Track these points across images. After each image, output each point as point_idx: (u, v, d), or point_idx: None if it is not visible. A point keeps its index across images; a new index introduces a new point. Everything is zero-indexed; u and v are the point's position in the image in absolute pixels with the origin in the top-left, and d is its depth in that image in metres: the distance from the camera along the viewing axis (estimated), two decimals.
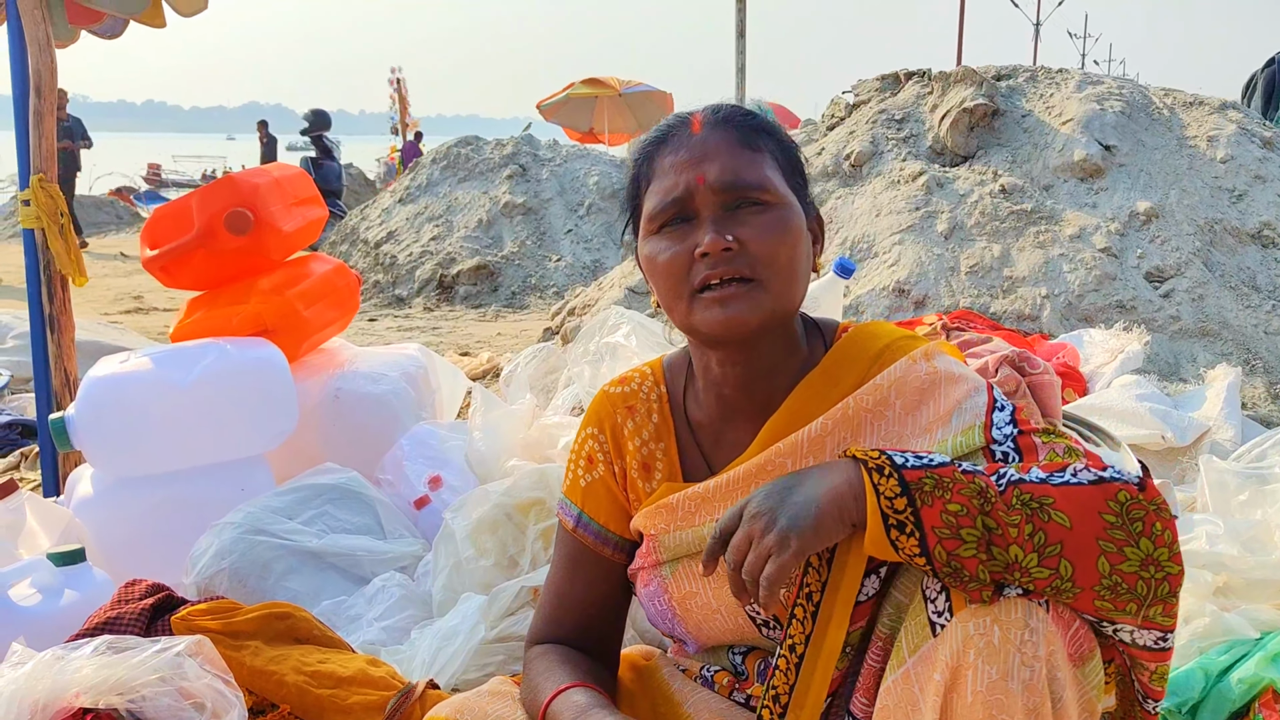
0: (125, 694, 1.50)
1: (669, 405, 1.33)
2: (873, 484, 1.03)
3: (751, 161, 1.20)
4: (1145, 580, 1.01)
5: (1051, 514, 1.01)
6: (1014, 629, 0.99)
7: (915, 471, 1.03)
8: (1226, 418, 2.96)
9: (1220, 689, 1.72)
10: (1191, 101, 4.54)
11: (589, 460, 1.35)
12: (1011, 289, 3.78)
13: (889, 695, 1.04)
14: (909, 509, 1.01)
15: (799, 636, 1.08)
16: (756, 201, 1.18)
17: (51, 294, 3.05)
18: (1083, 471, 1.04)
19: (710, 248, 1.15)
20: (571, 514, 1.35)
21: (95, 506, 2.39)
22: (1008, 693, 0.98)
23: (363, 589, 2.22)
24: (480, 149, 9.95)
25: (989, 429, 1.17)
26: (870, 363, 1.24)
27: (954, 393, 1.19)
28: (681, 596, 1.25)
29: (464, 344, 6.66)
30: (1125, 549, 1.00)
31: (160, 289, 9.22)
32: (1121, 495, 1.02)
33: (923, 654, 1.02)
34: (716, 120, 1.23)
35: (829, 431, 1.19)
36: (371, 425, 2.86)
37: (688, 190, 1.19)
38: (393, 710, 1.60)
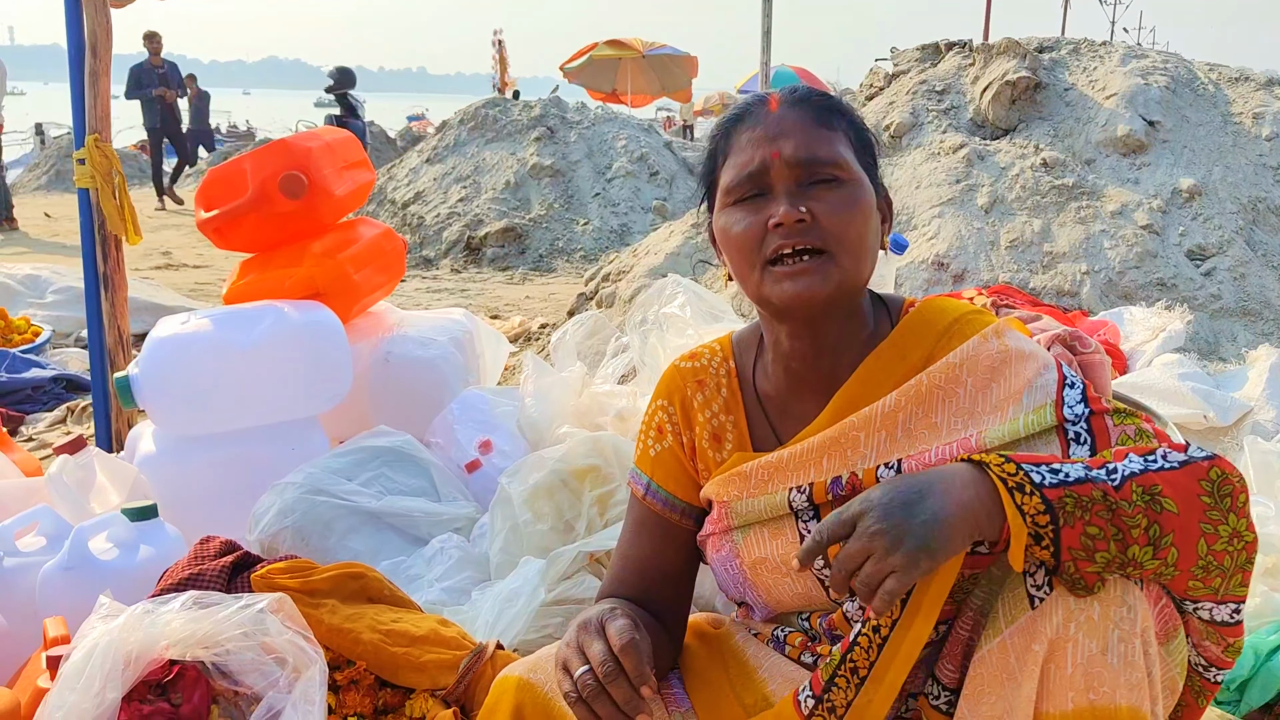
0: (211, 647, 1.56)
1: (738, 379, 1.37)
2: (1016, 505, 1.03)
3: (826, 139, 1.23)
4: (1231, 554, 1.05)
5: (1163, 503, 1.03)
6: (1113, 605, 1.03)
7: (1055, 490, 1.03)
8: (1269, 399, 2.97)
9: (1270, 667, 1.75)
10: (1237, 77, 4.49)
11: (659, 431, 1.39)
12: (1051, 264, 3.78)
13: (983, 664, 1.07)
14: (1051, 526, 1.02)
15: (885, 621, 1.11)
16: (830, 178, 1.22)
17: (106, 253, 3.09)
18: (1171, 454, 1.08)
19: (785, 218, 1.19)
20: (641, 482, 1.39)
21: (159, 463, 2.45)
22: (1107, 666, 1.02)
23: (421, 550, 2.27)
24: (508, 110, 9.91)
25: (1060, 407, 1.19)
26: (938, 337, 1.27)
27: (1025, 371, 1.21)
28: (753, 562, 1.29)
29: (493, 307, 6.70)
30: (1219, 528, 1.04)
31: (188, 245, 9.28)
32: (1213, 473, 1.06)
33: (1020, 625, 1.05)
34: (793, 100, 1.26)
35: (901, 407, 1.22)
36: (420, 389, 2.90)
37: (763, 165, 1.22)
38: (465, 669, 1.65)
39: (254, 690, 1.56)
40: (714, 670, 1.34)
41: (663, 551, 1.37)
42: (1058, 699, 1.03)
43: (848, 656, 1.13)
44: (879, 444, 1.22)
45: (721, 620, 1.44)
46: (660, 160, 9.57)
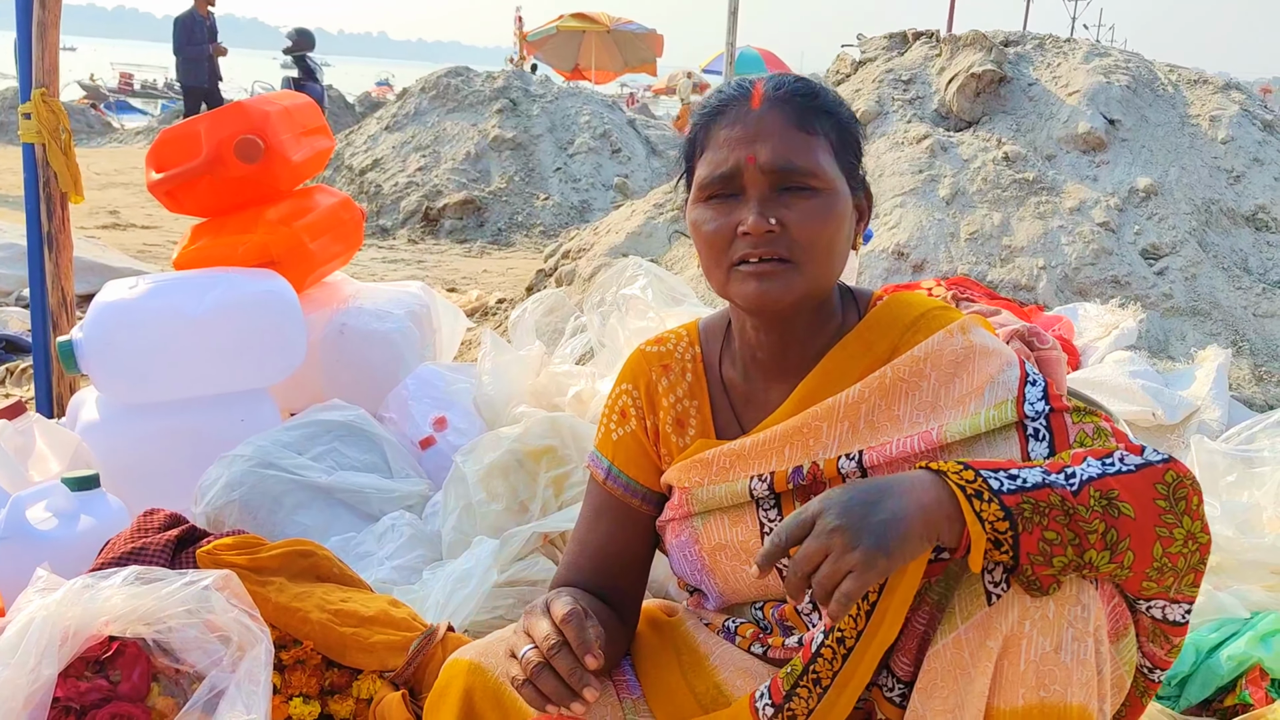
0: (153, 625, 1.52)
1: (703, 365, 1.36)
2: (975, 512, 1.03)
3: (804, 145, 1.20)
4: (1185, 555, 1.06)
5: (1119, 507, 1.04)
6: (1068, 604, 1.04)
7: (1013, 497, 1.03)
8: (1214, 398, 3.03)
9: (1210, 664, 1.79)
10: (1196, 80, 4.56)
11: (622, 415, 1.38)
12: (1010, 258, 3.81)
13: (938, 659, 1.08)
14: (1010, 532, 1.03)
15: (850, 631, 1.10)
16: (803, 186, 1.20)
17: (50, 212, 2.99)
18: (1128, 458, 1.08)
19: (753, 229, 1.17)
20: (602, 466, 1.37)
21: (102, 431, 2.38)
22: (1059, 664, 1.03)
23: (372, 526, 2.24)
24: (470, 80, 9.78)
25: (1021, 403, 1.19)
26: (904, 330, 1.27)
27: (987, 367, 1.22)
28: (712, 549, 1.28)
29: (450, 279, 6.62)
30: (1175, 530, 1.05)
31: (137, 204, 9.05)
32: (1168, 476, 1.06)
33: (976, 621, 1.05)
34: (776, 97, 1.22)
35: (864, 399, 1.22)
36: (376, 362, 2.86)
37: (736, 167, 1.20)
38: (415, 651, 1.63)
39: (196, 669, 1.53)
40: (666, 657, 1.33)
41: (621, 537, 1.36)
42: (1009, 695, 1.04)
43: (810, 667, 1.13)
44: (841, 434, 1.22)
45: (675, 608, 1.44)
46: (623, 137, 9.51)
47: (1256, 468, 2.35)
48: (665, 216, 4.70)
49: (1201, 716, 1.74)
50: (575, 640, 1.08)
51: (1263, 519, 2.14)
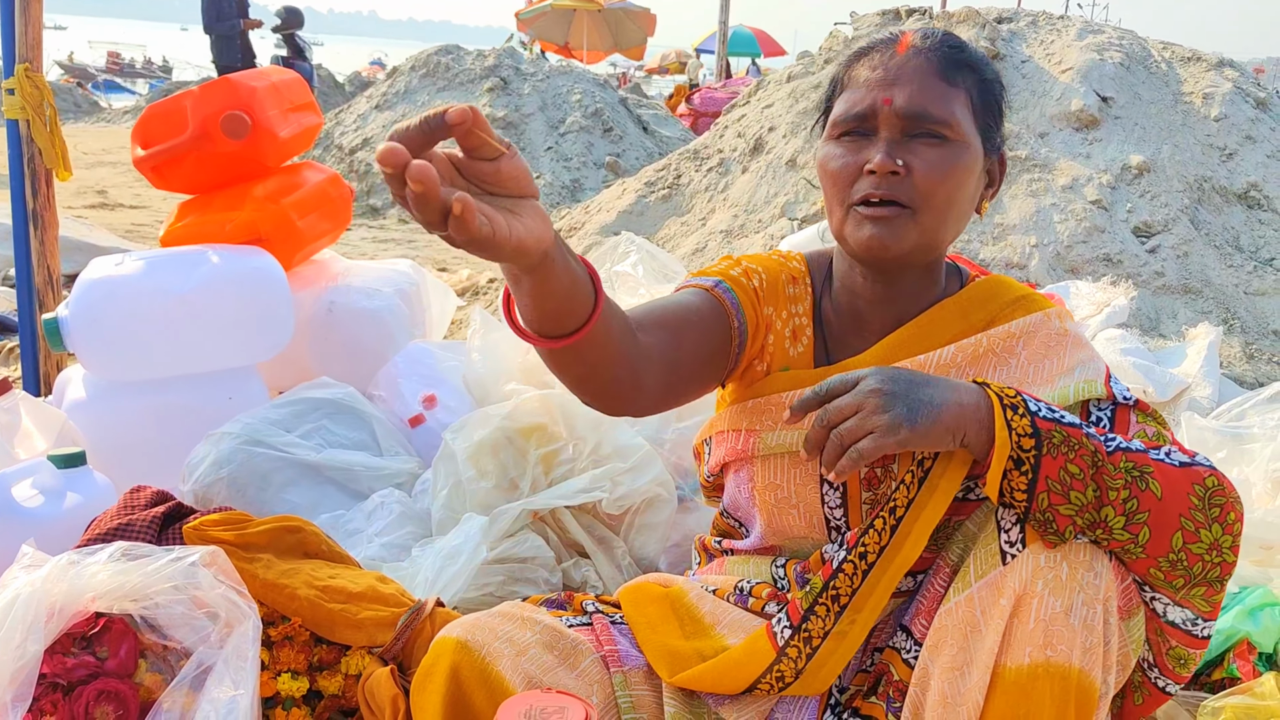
0: (139, 601, 1.51)
1: (813, 294, 1.37)
2: (1005, 420, 1.06)
3: (942, 95, 1.22)
4: (1205, 563, 1.07)
5: (1149, 482, 1.06)
6: (1080, 568, 1.05)
7: (1047, 422, 1.07)
8: (1205, 375, 3.03)
9: None
10: (1189, 57, 4.54)
11: (747, 274, 1.32)
12: (1002, 236, 3.80)
13: (950, 616, 1.09)
14: (1034, 451, 1.05)
15: (873, 546, 1.12)
16: (935, 134, 1.21)
17: (35, 189, 2.97)
18: (1175, 454, 1.10)
19: (879, 166, 1.19)
20: (710, 279, 1.30)
21: (89, 409, 2.36)
22: (1068, 626, 1.03)
23: (361, 504, 2.23)
24: (461, 59, 9.71)
25: (1109, 383, 1.24)
26: (1003, 306, 1.30)
27: (1078, 353, 1.26)
28: (764, 486, 1.30)
29: (440, 259, 6.59)
30: (1200, 530, 1.06)
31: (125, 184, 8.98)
32: (1209, 481, 1.08)
33: (990, 580, 1.07)
34: (923, 45, 1.25)
35: (955, 362, 1.25)
36: (365, 340, 2.84)
37: (872, 108, 1.22)
38: (404, 627, 1.62)
39: (184, 645, 1.52)
40: (666, 625, 1.32)
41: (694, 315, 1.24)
42: (1016, 653, 1.04)
43: (830, 583, 1.15)
44: None
45: (672, 580, 1.43)
46: (615, 116, 9.46)
47: (1246, 444, 2.36)
48: (657, 195, 4.67)
49: (1190, 690, 1.74)
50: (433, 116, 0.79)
51: (1251, 495, 2.14)
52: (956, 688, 1.07)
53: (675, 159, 5.02)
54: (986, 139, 1.27)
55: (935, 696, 1.08)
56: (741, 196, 4.39)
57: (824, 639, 1.14)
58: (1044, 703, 1.03)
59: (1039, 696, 1.03)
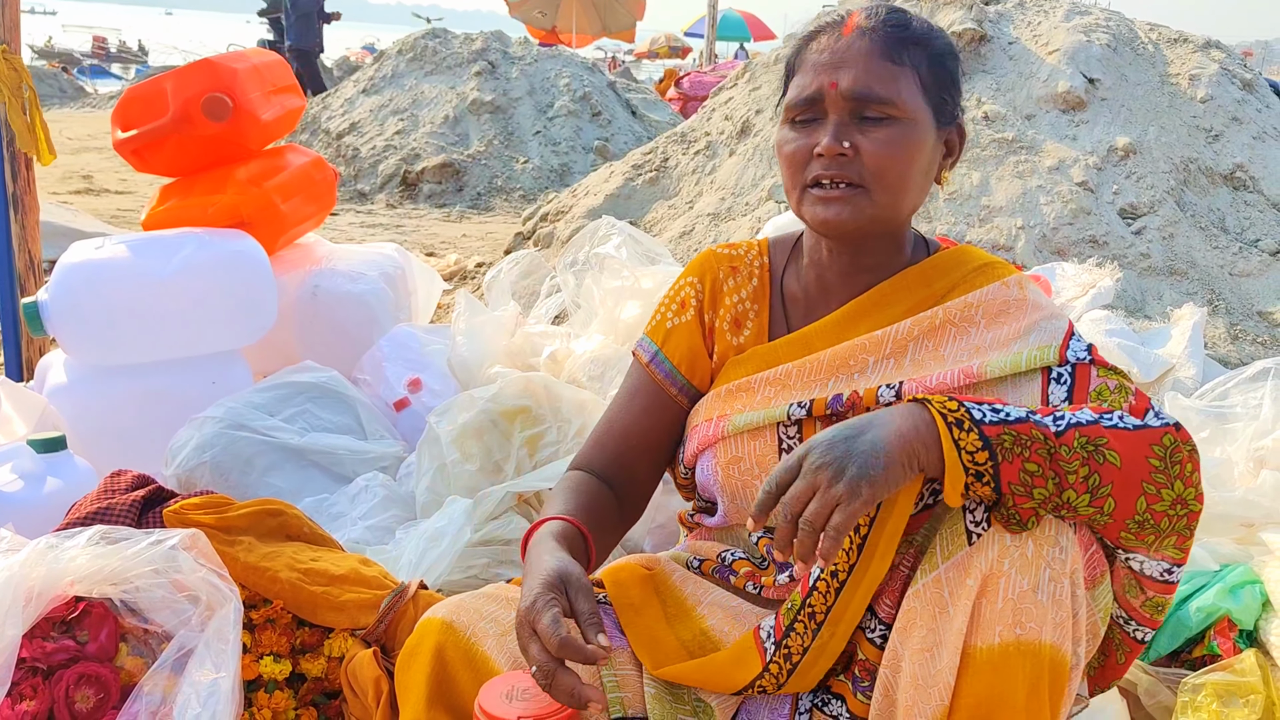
0: (119, 584, 1.51)
1: (769, 275, 1.42)
2: (953, 439, 1.04)
3: (888, 74, 1.24)
4: (1170, 517, 1.07)
5: (1106, 454, 1.05)
6: (1046, 545, 1.05)
7: (994, 428, 1.05)
8: (1190, 356, 3.04)
9: (1179, 616, 1.80)
10: (1176, 38, 4.53)
11: (681, 305, 1.42)
12: (988, 218, 3.80)
13: (917, 598, 1.09)
14: (990, 463, 1.04)
15: (843, 565, 1.12)
16: (881, 115, 1.24)
17: (15, 173, 2.94)
18: (1127, 417, 1.10)
19: (826, 150, 1.23)
20: (648, 350, 1.42)
21: (70, 394, 2.35)
22: (1036, 603, 1.04)
23: (345, 488, 2.22)
24: (448, 42, 9.64)
25: (1064, 349, 1.22)
26: (965, 274, 1.31)
27: (1035, 315, 1.26)
28: (727, 461, 1.32)
29: (428, 244, 6.57)
30: (1163, 490, 1.06)
31: (110, 169, 8.92)
32: (1166, 439, 1.07)
33: (957, 560, 1.07)
34: (868, 26, 1.26)
35: (913, 336, 1.26)
36: (349, 324, 2.83)
37: (819, 91, 1.25)
38: (386, 609, 1.62)
39: (165, 628, 1.52)
40: (650, 608, 1.33)
41: (649, 421, 1.40)
42: (986, 633, 1.05)
43: (806, 601, 1.15)
44: (886, 368, 1.26)
45: (656, 560, 1.44)
46: (603, 100, 9.42)
47: (1229, 423, 2.36)
48: (644, 178, 4.66)
49: (1170, 667, 1.75)
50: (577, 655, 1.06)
51: (1234, 474, 2.15)
52: (927, 669, 1.07)
53: (662, 142, 5.00)
54: (941, 111, 1.29)
55: (907, 678, 1.09)
56: (729, 179, 4.38)
57: (804, 654, 1.16)
58: (1016, 680, 1.03)
59: (1011, 675, 1.03)
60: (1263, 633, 1.74)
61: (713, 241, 3.89)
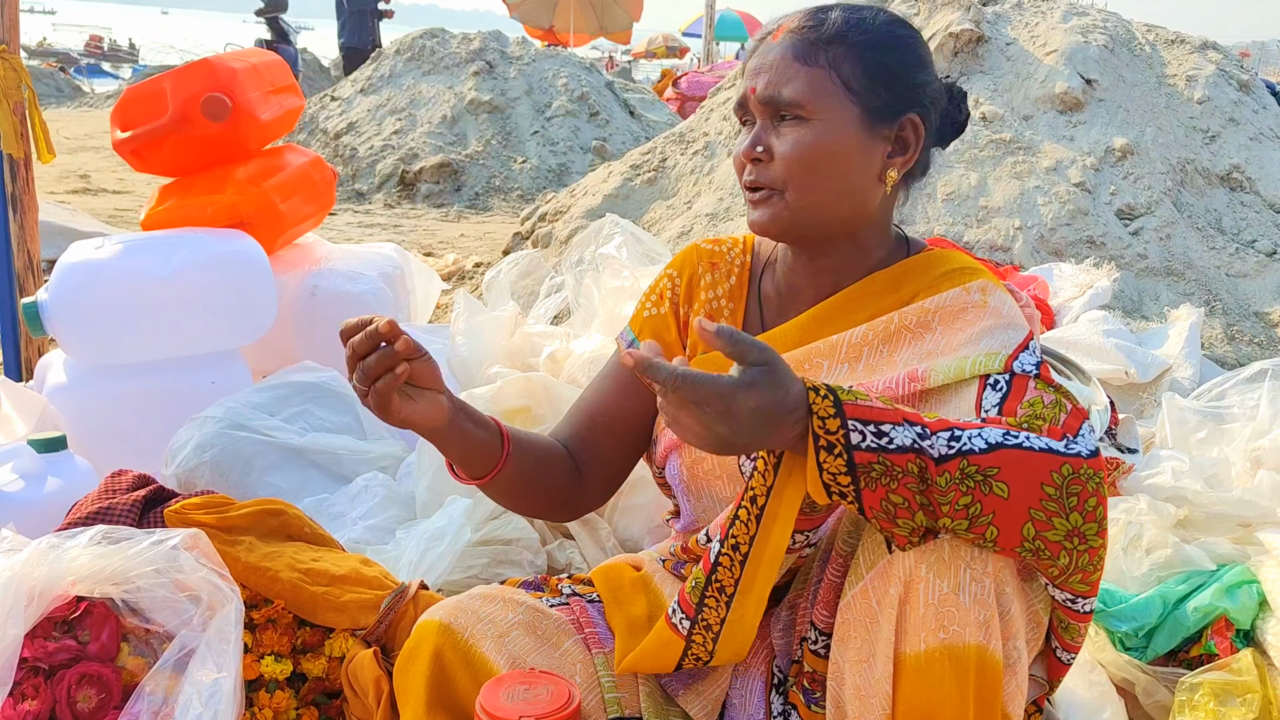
0: (121, 584, 1.51)
1: (749, 273, 1.42)
2: (818, 461, 1.01)
3: (799, 76, 1.24)
4: (1068, 550, 1.03)
5: (993, 485, 1.01)
6: (963, 546, 1.04)
7: (868, 454, 1.01)
8: (1187, 356, 3.05)
9: (1176, 616, 1.80)
10: (1173, 39, 4.55)
11: (659, 297, 1.45)
12: (986, 219, 3.81)
13: (849, 610, 1.09)
14: (852, 487, 1.02)
15: (743, 537, 1.13)
16: (794, 116, 1.24)
17: (14, 173, 2.94)
18: (1035, 438, 1.05)
19: (742, 156, 1.28)
20: (626, 339, 1.45)
21: (70, 394, 2.35)
22: (959, 605, 1.03)
23: (345, 487, 2.23)
24: (446, 42, 9.64)
25: (1011, 360, 1.18)
26: (933, 279, 1.28)
27: (990, 322, 1.22)
28: (691, 462, 1.33)
29: (427, 244, 6.57)
30: (1054, 519, 1.02)
31: (108, 169, 8.90)
32: (1065, 469, 1.02)
33: (879, 569, 1.07)
34: (791, 29, 1.28)
35: (868, 341, 1.26)
36: None
37: (744, 97, 1.30)
38: (387, 609, 1.62)
39: (166, 628, 1.52)
40: (634, 606, 1.35)
41: (616, 402, 1.42)
42: (913, 640, 1.04)
43: (712, 577, 1.16)
44: (840, 372, 1.26)
45: (641, 561, 1.46)
46: (601, 100, 9.42)
47: (1226, 424, 2.37)
48: (642, 178, 4.67)
49: (1168, 666, 1.76)
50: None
51: (1231, 474, 2.16)
52: (867, 679, 1.07)
53: (661, 142, 5.01)
54: (875, 106, 1.24)
55: (850, 690, 1.09)
56: (727, 180, 4.38)
57: (722, 625, 1.17)
58: (945, 684, 1.03)
59: (939, 679, 1.03)
60: (1260, 632, 1.75)
61: None
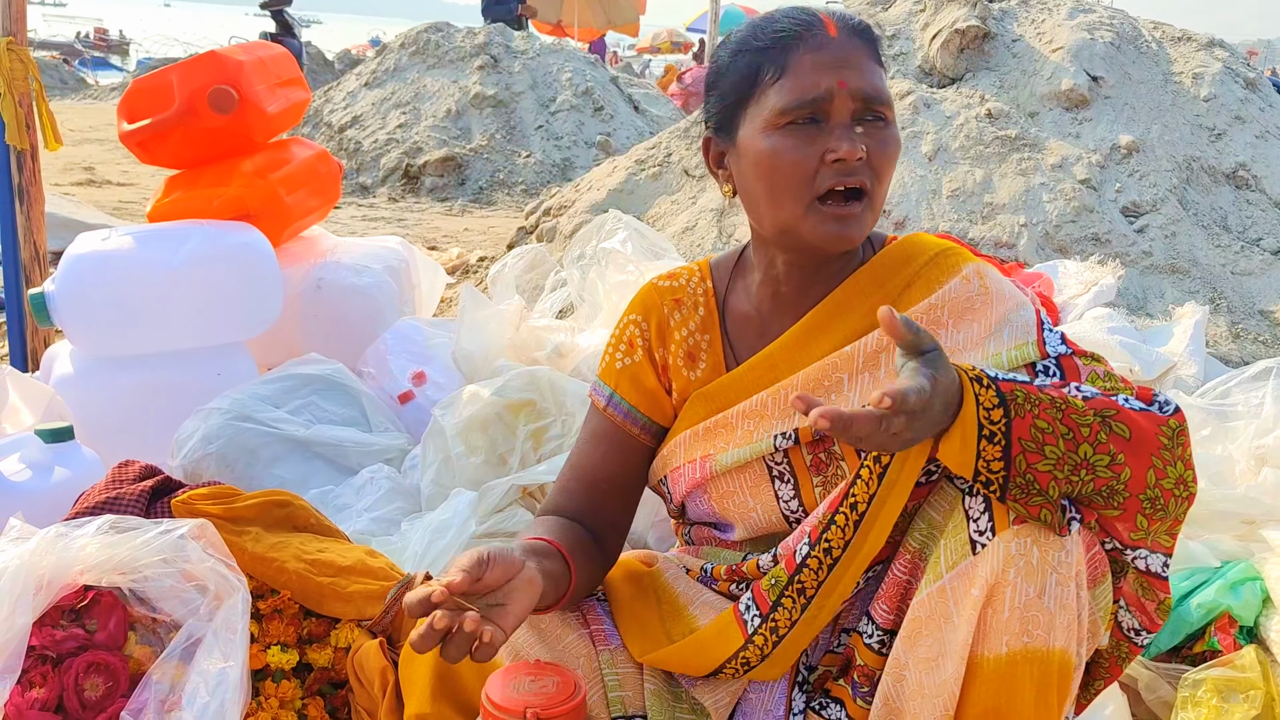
0: (128, 574, 1.51)
1: (715, 300, 1.37)
2: (974, 394, 1.02)
3: (881, 76, 1.22)
4: (1176, 499, 1.07)
5: (1114, 425, 1.05)
6: (1052, 550, 1.04)
7: (1008, 384, 1.04)
8: (1191, 354, 3.04)
9: (1179, 612, 1.81)
10: (1179, 37, 4.53)
11: (629, 345, 1.38)
12: (991, 215, 3.81)
13: (922, 608, 1.09)
14: (1004, 420, 1.02)
15: (838, 541, 1.12)
16: (880, 116, 1.20)
17: (21, 164, 2.94)
18: (1132, 400, 1.10)
19: (848, 155, 1.15)
20: (604, 394, 1.38)
21: (76, 385, 2.36)
22: (1043, 609, 1.04)
23: (350, 479, 2.23)
24: (451, 36, 9.63)
25: (1042, 344, 1.21)
26: (919, 267, 1.27)
27: (1000, 307, 1.23)
28: (720, 496, 1.30)
29: (431, 238, 6.57)
30: (1168, 468, 1.06)
31: (112, 161, 8.91)
32: (1172, 422, 1.08)
33: (961, 570, 1.06)
34: (852, 27, 1.22)
35: (884, 347, 1.22)
36: (353, 317, 2.84)
37: (828, 93, 1.17)
38: (392, 600, 1.63)
39: (173, 618, 1.53)
40: (644, 606, 1.34)
41: (615, 463, 1.37)
42: (994, 643, 1.05)
43: (795, 577, 1.15)
44: (863, 382, 1.22)
45: (654, 557, 1.45)
46: (605, 95, 9.41)
47: (1230, 422, 2.37)
48: (647, 173, 4.66)
49: (1171, 662, 1.76)
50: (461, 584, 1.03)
51: (1235, 471, 2.16)
52: (933, 679, 1.07)
53: (666, 137, 5.00)
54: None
55: (913, 687, 1.09)
56: None
57: (791, 628, 1.16)
58: (1025, 686, 1.04)
59: (1019, 682, 1.04)
60: (1263, 629, 1.75)
61: (715, 237, 3.90)
